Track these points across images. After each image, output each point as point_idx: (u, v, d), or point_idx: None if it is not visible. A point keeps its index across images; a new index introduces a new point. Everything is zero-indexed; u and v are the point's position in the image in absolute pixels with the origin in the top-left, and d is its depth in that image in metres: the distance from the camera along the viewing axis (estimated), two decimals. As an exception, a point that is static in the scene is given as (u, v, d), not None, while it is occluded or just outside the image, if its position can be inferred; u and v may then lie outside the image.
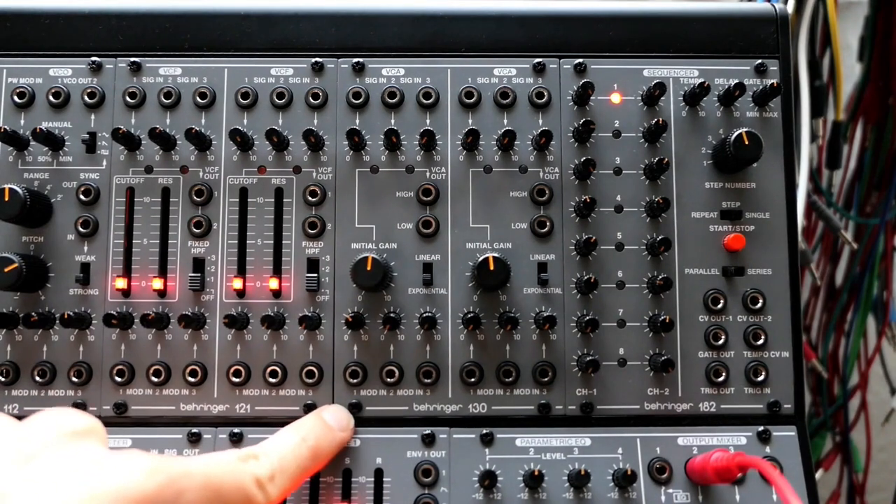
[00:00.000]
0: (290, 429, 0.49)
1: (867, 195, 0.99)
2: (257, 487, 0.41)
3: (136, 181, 0.58)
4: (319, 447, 0.49)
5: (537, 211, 0.58)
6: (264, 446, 0.45)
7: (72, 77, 0.59)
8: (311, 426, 0.50)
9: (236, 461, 0.41)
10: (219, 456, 0.41)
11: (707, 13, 0.60)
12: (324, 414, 0.52)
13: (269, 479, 0.42)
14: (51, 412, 0.39)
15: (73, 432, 0.37)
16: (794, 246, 0.58)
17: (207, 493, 0.37)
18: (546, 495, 0.54)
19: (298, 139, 0.58)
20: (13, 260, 0.53)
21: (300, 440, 0.47)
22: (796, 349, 0.58)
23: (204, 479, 0.37)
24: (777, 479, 0.44)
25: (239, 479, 0.40)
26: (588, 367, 0.55)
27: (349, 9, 0.60)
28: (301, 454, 0.47)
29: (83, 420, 0.38)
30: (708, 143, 0.59)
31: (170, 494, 0.35)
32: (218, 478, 0.38)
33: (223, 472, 0.39)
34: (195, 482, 0.36)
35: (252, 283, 0.57)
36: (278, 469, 0.44)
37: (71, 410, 0.39)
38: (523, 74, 0.59)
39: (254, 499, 0.41)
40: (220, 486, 0.38)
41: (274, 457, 0.44)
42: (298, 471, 0.46)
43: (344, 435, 0.52)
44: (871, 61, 0.93)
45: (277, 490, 0.43)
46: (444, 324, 0.57)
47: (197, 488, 0.36)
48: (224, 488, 0.39)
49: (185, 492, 0.35)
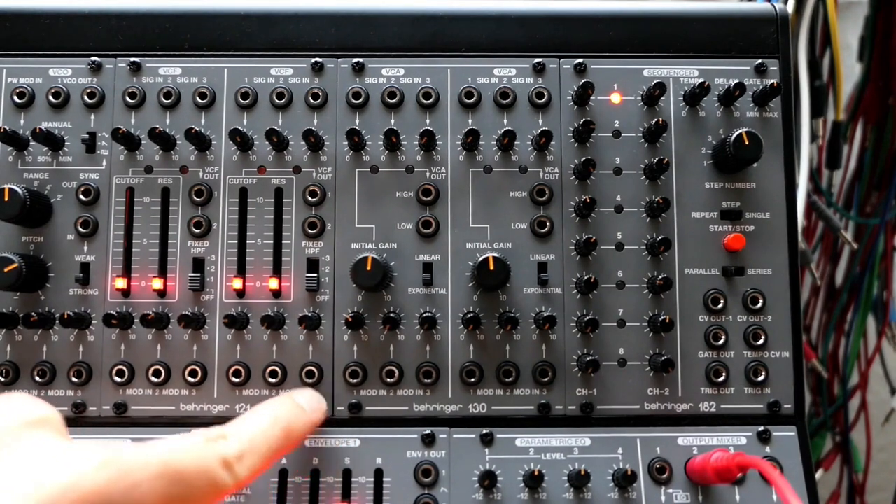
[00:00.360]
0: (262, 408, 0.47)
1: (867, 195, 0.99)
2: (224, 468, 0.40)
3: (135, 181, 0.58)
4: (291, 428, 0.47)
5: (537, 211, 0.58)
6: (234, 425, 0.44)
7: (72, 77, 0.59)
8: (283, 406, 0.48)
9: (202, 442, 0.40)
10: (183, 439, 0.40)
11: (707, 13, 0.60)
12: (295, 396, 0.51)
13: (237, 459, 0.41)
14: (3, 400, 0.38)
15: (26, 422, 0.36)
16: (794, 246, 0.58)
17: (165, 481, 0.36)
18: (546, 495, 0.54)
19: (298, 139, 0.58)
20: (13, 260, 0.53)
21: (272, 420, 0.46)
22: (796, 349, 0.58)
23: (161, 467, 0.36)
24: (777, 480, 0.44)
25: (203, 462, 0.39)
26: (588, 367, 0.55)
27: (349, 9, 0.60)
28: (273, 434, 0.45)
29: (36, 409, 0.37)
30: (708, 143, 0.59)
31: (123, 487, 0.34)
32: (178, 463, 0.37)
33: (185, 456, 0.38)
34: (151, 471, 0.35)
35: (252, 283, 0.57)
36: (248, 449, 0.42)
37: (25, 398, 0.38)
38: (523, 74, 0.59)
39: (220, 480, 0.39)
40: (181, 472, 0.37)
41: (244, 436, 0.43)
42: (269, 451, 0.44)
43: (316, 416, 0.51)
44: (871, 61, 0.93)
45: (246, 470, 0.42)
46: (444, 324, 0.57)
47: (153, 477, 0.35)
48: (186, 472, 0.37)
49: (140, 483, 0.34)
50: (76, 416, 0.56)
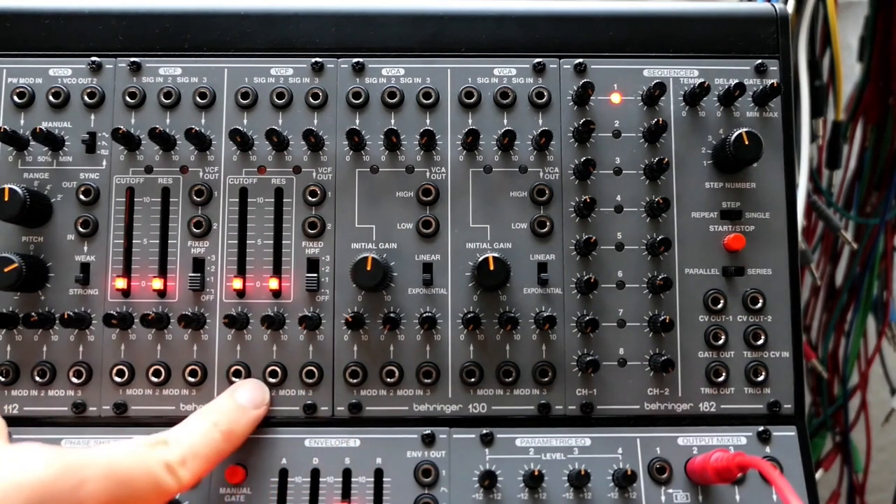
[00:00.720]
0: (201, 413, 0.48)
1: (867, 195, 0.99)
2: (167, 472, 0.41)
3: (136, 181, 0.58)
4: (232, 429, 0.48)
5: (537, 211, 0.58)
6: (173, 432, 0.45)
7: (72, 77, 0.59)
8: (221, 409, 0.49)
9: (144, 447, 0.41)
10: (125, 443, 0.41)
11: (707, 13, 0.60)
12: (236, 394, 0.51)
13: (180, 464, 0.42)
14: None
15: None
16: (794, 246, 0.58)
17: (110, 481, 0.37)
18: (546, 495, 0.54)
19: (298, 139, 0.58)
20: (13, 260, 0.53)
21: (211, 424, 0.47)
22: (796, 349, 0.58)
23: (106, 468, 0.37)
24: (777, 480, 0.44)
25: (146, 465, 0.40)
26: (588, 367, 0.55)
27: (349, 9, 0.60)
28: (213, 437, 0.46)
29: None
30: (708, 143, 0.59)
31: (69, 484, 0.34)
32: (123, 465, 0.38)
33: (129, 459, 0.39)
34: (97, 471, 0.36)
35: (252, 283, 0.57)
36: (189, 453, 0.43)
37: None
38: (523, 74, 0.59)
39: (164, 484, 0.40)
40: (126, 473, 0.38)
41: (185, 441, 0.44)
42: (211, 453, 0.46)
43: (258, 412, 0.51)
44: (871, 61, 0.93)
45: (190, 474, 0.43)
46: (444, 324, 0.57)
47: (98, 477, 0.36)
48: (130, 475, 0.38)
49: (85, 481, 0.35)
50: (76, 416, 0.56)
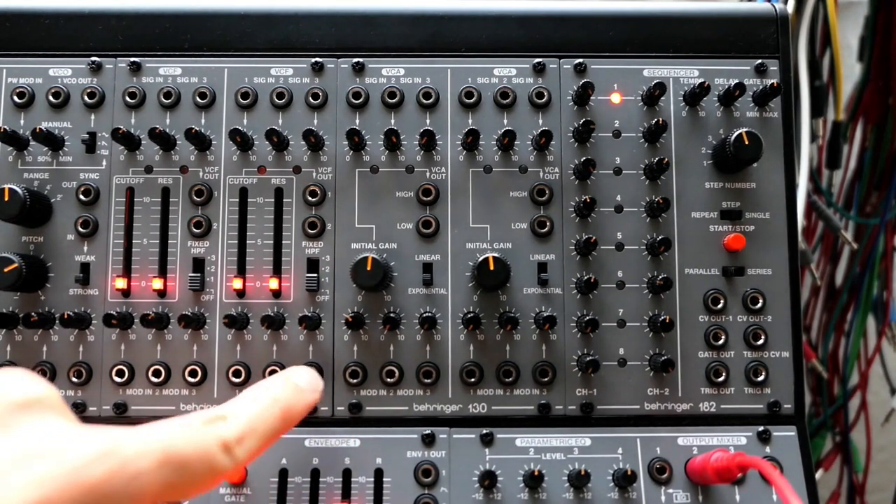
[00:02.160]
0: (260, 388, 0.46)
1: (867, 195, 0.99)
2: (223, 451, 0.39)
3: (136, 181, 0.58)
4: (290, 408, 0.46)
5: (537, 211, 0.58)
6: (233, 406, 0.43)
7: (72, 77, 0.59)
8: (281, 386, 0.47)
9: (200, 425, 0.39)
10: (181, 423, 0.39)
11: (707, 13, 0.60)
12: (293, 376, 0.50)
13: (237, 442, 0.40)
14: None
15: (22, 403, 0.34)
16: (794, 246, 0.58)
17: (167, 469, 0.35)
18: (546, 495, 0.54)
19: (298, 139, 0.58)
20: (13, 260, 0.53)
21: (271, 400, 0.45)
22: (796, 349, 0.58)
23: (162, 455, 0.35)
24: (777, 480, 0.44)
25: (203, 447, 0.38)
26: (588, 367, 0.55)
27: (349, 9, 0.60)
28: (272, 414, 0.44)
29: (32, 388, 0.35)
30: (708, 143, 0.59)
31: (122, 479, 0.33)
32: (179, 449, 0.36)
33: (185, 441, 0.37)
34: (152, 460, 0.34)
35: (252, 283, 0.57)
36: (247, 430, 0.41)
37: (19, 376, 0.36)
38: (523, 74, 0.59)
39: (218, 465, 0.38)
40: (182, 457, 0.36)
41: (243, 417, 0.42)
42: (269, 432, 0.44)
43: (314, 397, 0.49)
44: (871, 61, 0.93)
45: (245, 452, 0.41)
46: (444, 324, 0.57)
47: (154, 467, 0.34)
48: (186, 458, 0.36)
49: (140, 474, 0.33)
50: (76, 416, 0.56)
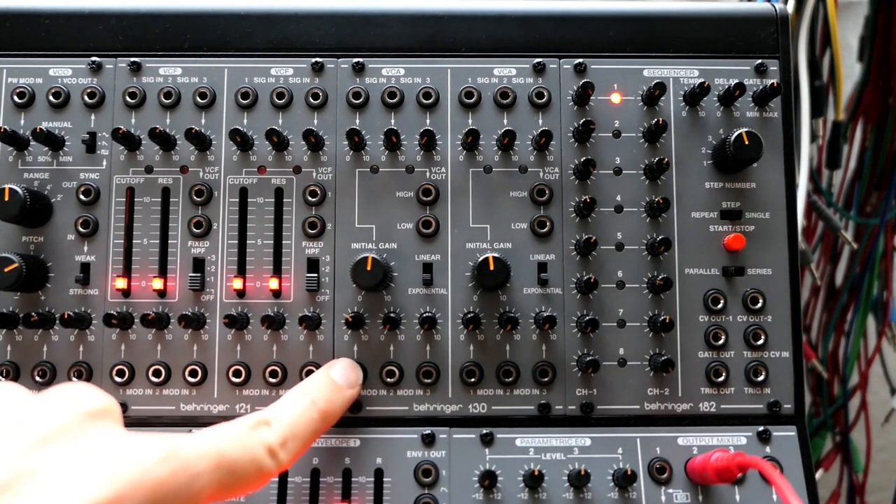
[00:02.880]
0: (299, 390, 0.48)
1: (867, 195, 0.99)
2: (269, 456, 0.41)
3: (136, 181, 0.58)
4: (329, 408, 0.48)
5: (537, 211, 0.58)
6: (275, 411, 0.45)
7: (72, 77, 0.59)
8: (319, 386, 0.49)
9: (247, 431, 0.41)
10: (230, 428, 0.41)
11: (707, 13, 0.60)
12: (331, 372, 0.51)
13: (280, 446, 0.42)
14: (67, 388, 0.38)
15: (90, 412, 0.36)
16: (794, 246, 0.58)
17: (220, 471, 0.37)
18: (546, 495, 0.54)
19: (298, 139, 0.58)
20: (13, 260, 0.53)
21: (310, 403, 0.47)
22: (796, 349, 0.58)
23: (217, 459, 0.37)
24: (777, 480, 0.44)
25: (251, 451, 0.40)
26: (588, 367, 0.55)
27: (349, 9, 0.60)
28: (312, 417, 0.46)
29: (99, 399, 0.37)
30: (708, 143, 0.59)
31: (184, 479, 0.35)
32: (231, 453, 0.38)
33: (235, 445, 0.39)
34: (208, 463, 0.36)
35: (252, 283, 0.57)
36: (290, 434, 0.43)
37: (87, 388, 0.38)
38: (523, 74, 0.59)
39: (265, 468, 0.41)
40: (234, 462, 0.38)
41: (285, 422, 0.44)
42: (309, 434, 0.46)
43: (353, 392, 0.51)
44: (871, 61, 0.93)
45: (289, 456, 0.43)
46: (444, 324, 0.57)
47: (211, 469, 0.36)
48: (237, 462, 0.39)
49: (199, 475, 0.36)
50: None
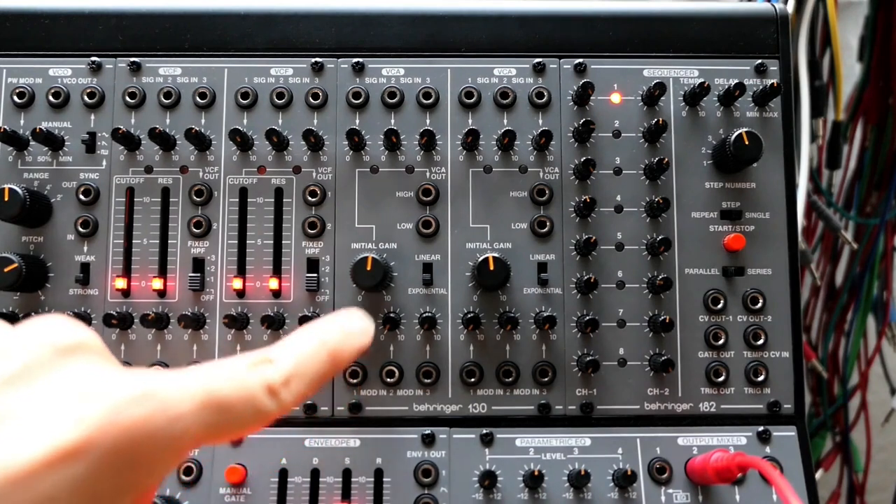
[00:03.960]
0: (308, 329, 0.45)
1: (867, 195, 0.99)
2: (269, 395, 0.38)
3: (135, 181, 0.58)
4: (339, 351, 0.44)
5: (537, 211, 0.58)
6: (279, 348, 0.42)
7: (72, 77, 0.59)
8: (329, 328, 0.45)
9: (245, 369, 0.38)
10: (226, 366, 0.38)
11: (707, 13, 0.60)
12: (341, 317, 0.48)
13: (283, 385, 0.39)
14: (41, 322, 0.35)
15: (62, 348, 0.34)
16: (794, 246, 0.58)
17: (209, 412, 0.35)
18: (546, 495, 0.54)
19: (298, 139, 0.58)
20: (13, 260, 0.53)
21: (319, 343, 0.43)
22: (796, 349, 0.58)
23: (204, 399, 0.35)
24: (777, 480, 0.44)
25: (246, 390, 0.37)
26: (588, 367, 0.55)
27: (349, 9, 0.60)
28: (320, 357, 0.43)
29: (75, 333, 0.35)
30: (708, 143, 0.59)
31: (162, 421, 0.32)
32: (222, 392, 0.36)
33: (228, 385, 0.36)
34: (194, 403, 0.34)
35: (252, 283, 0.57)
36: (294, 373, 0.40)
37: (62, 321, 0.36)
38: (523, 74, 0.59)
39: (264, 408, 0.38)
40: (224, 401, 0.36)
41: (290, 359, 0.41)
42: (316, 375, 0.42)
43: (364, 340, 0.47)
44: (871, 61, 0.93)
45: (292, 396, 0.40)
46: (444, 324, 0.57)
47: (195, 410, 0.34)
48: (229, 401, 0.36)
49: (180, 417, 0.33)
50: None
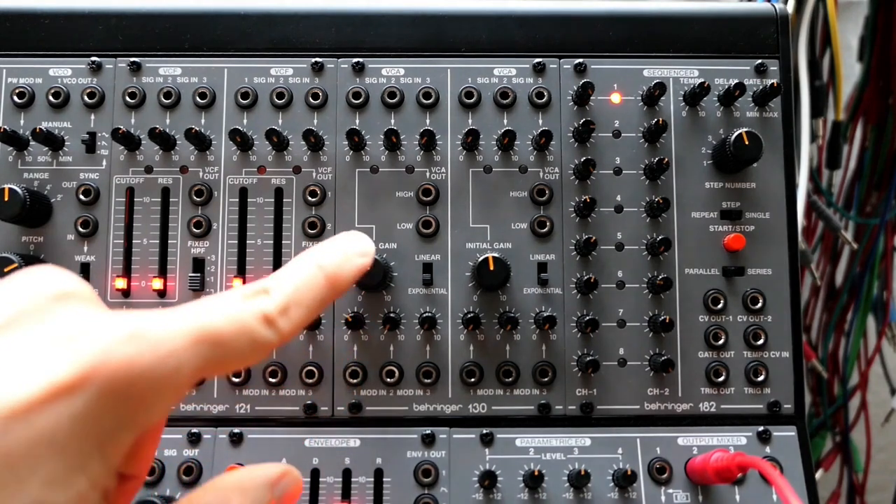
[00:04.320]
0: (304, 255, 0.44)
1: (867, 195, 0.99)
2: (265, 325, 0.37)
3: (136, 181, 0.58)
4: (337, 274, 0.43)
5: (537, 211, 0.58)
6: (275, 276, 0.41)
7: (72, 77, 0.59)
8: (327, 251, 0.45)
9: (240, 300, 0.37)
10: (220, 299, 0.37)
11: (707, 13, 0.60)
12: (339, 239, 0.47)
13: (280, 313, 0.38)
14: (34, 271, 0.35)
15: (56, 295, 0.34)
16: (794, 246, 0.58)
17: (202, 346, 0.34)
18: (546, 495, 0.54)
19: (298, 139, 0.58)
20: (13, 260, 0.53)
21: (316, 267, 0.43)
22: (796, 349, 0.58)
23: (195, 333, 0.34)
24: (777, 480, 0.44)
25: (242, 322, 0.36)
26: (588, 367, 0.55)
27: (349, 9, 0.60)
28: (318, 282, 0.42)
29: (67, 282, 0.35)
30: (708, 143, 0.59)
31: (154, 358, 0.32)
32: (214, 327, 0.35)
33: (221, 318, 0.36)
34: (186, 339, 0.33)
35: (252, 283, 0.57)
36: (292, 301, 0.39)
37: (55, 270, 0.35)
38: (523, 74, 0.59)
39: (261, 338, 0.37)
40: (218, 334, 0.35)
41: (287, 286, 0.40)
42: (315, 301, 0.41)
43: (363, 261, 0.46)
44: (871, 61, 0.93)
45: (291, 324, 0.39)
46: (444, 324, 0.57)
47: (189, 345, 0.33)
48: (223, 335, 0.35)
49: (173, 353, 0.33)
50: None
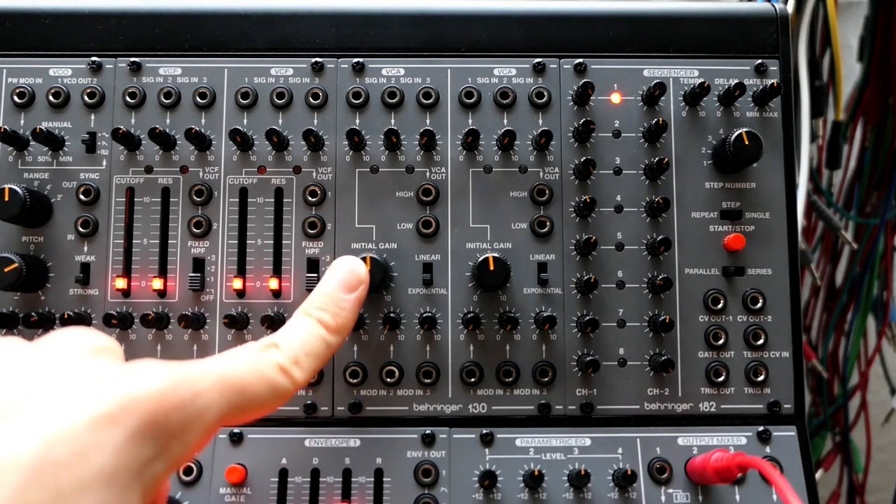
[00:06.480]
0: (302, 311, 0.48)
1: (867, 195, 0.99)
2: (281, 374, 0.41)
3: (136, 181, 0.58)
4: (337, 322, 0.48)
5: (537, 211, 0.58)
6: (281, 333, 0.45)
7: (72, 77, 0.59)
8: (320, 304, 0.49)
9: (254, 353, 0.41)
10: (236, 352, 0.41)
11: (707, 13, 0.60)
12: (331, 282, 0.51)
13: (293, 363, 0.42)
14: (70, 330, 0.38)
15: (93, 349, 0.37)
16: (794, 246, 0.58)
17: (226, 390, 0.37)
18: (546, 495, 0.54)
19: (298, 139, 0.58)
20: (13, 260, 0.53)
21: (315, 322, 0.47)
22: (796, 349, 0.58)
23: (219, 378, 0.37)
24: (777, 479, 0.44)
25: (259, 370, 0.40)
26: (588, 367, 0.55)
27: (349, 9, 0.60)
28: (320, 334, 0.46)
29: (101, 338, 0.38)
30: (708, 143, 0.59)
31: (187, 395, 0.35)
32: (236, 373, 0.38)
33: (241, 366, 0.39)
34: (211, 382, 0.36)
35: (252, 283, 0.57)
36: (301, 352, 0.43)
37: (88, 329, 0.39)
38: (523, 74, 0.59)
39: (279, 386, 0.41)
40: (240, 381, 0.38)
41: (294, 341, 0.44)
42: (322, 350, 0.46)
43: (356, 295, 0.50)
44: (871, 61, 0.93)
45: (303, 372, 0.43)
46: (444, 324, 0.57)
47: (216, 388, 0.36)
48: (245, 381, 0.39)
49: (203, 392, 0.36)
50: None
